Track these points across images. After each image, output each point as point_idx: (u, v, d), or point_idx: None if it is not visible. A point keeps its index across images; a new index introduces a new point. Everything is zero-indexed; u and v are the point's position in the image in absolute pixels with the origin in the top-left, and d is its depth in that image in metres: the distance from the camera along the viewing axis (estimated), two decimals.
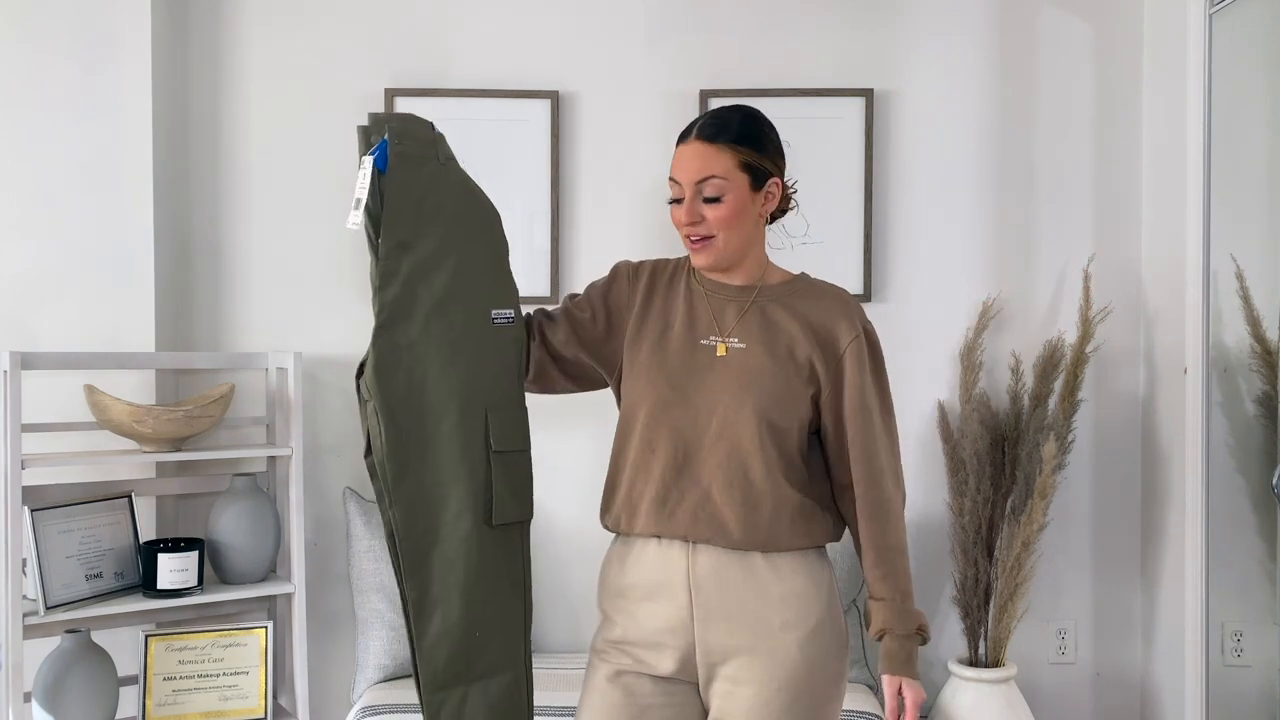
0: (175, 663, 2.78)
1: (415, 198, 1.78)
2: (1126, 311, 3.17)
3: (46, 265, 2.93)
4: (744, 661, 1.79)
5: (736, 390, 1.80)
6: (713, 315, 1.86)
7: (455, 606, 1.75)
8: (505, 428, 1.78)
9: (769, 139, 1.86)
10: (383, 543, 2.95)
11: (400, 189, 1.77)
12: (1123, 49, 3.18)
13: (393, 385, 1.74)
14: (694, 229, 1.83)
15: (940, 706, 3.01)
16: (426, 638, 1.75)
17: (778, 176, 1.87)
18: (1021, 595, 2.97)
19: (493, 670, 1.79)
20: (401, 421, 1.73)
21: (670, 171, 1.86)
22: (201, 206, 3.14)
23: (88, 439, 2.85)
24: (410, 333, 1.75)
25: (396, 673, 2.91)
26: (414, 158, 1.78)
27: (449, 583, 1.74)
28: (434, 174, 1.79)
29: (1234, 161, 2.83)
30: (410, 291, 1.76)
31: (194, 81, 3.13)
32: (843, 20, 3.17)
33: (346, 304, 3.14)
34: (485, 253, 1.83)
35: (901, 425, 3.10)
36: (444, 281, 1.77)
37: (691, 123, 1.88)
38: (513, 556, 1.81)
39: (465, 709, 1.78)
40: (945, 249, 3.17)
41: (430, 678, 1.76)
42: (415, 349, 1.74)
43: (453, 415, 1.74)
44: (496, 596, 1.78)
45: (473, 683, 1.78)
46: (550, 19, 3.16)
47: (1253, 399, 2.82)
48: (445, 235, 1.78)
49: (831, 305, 1.86)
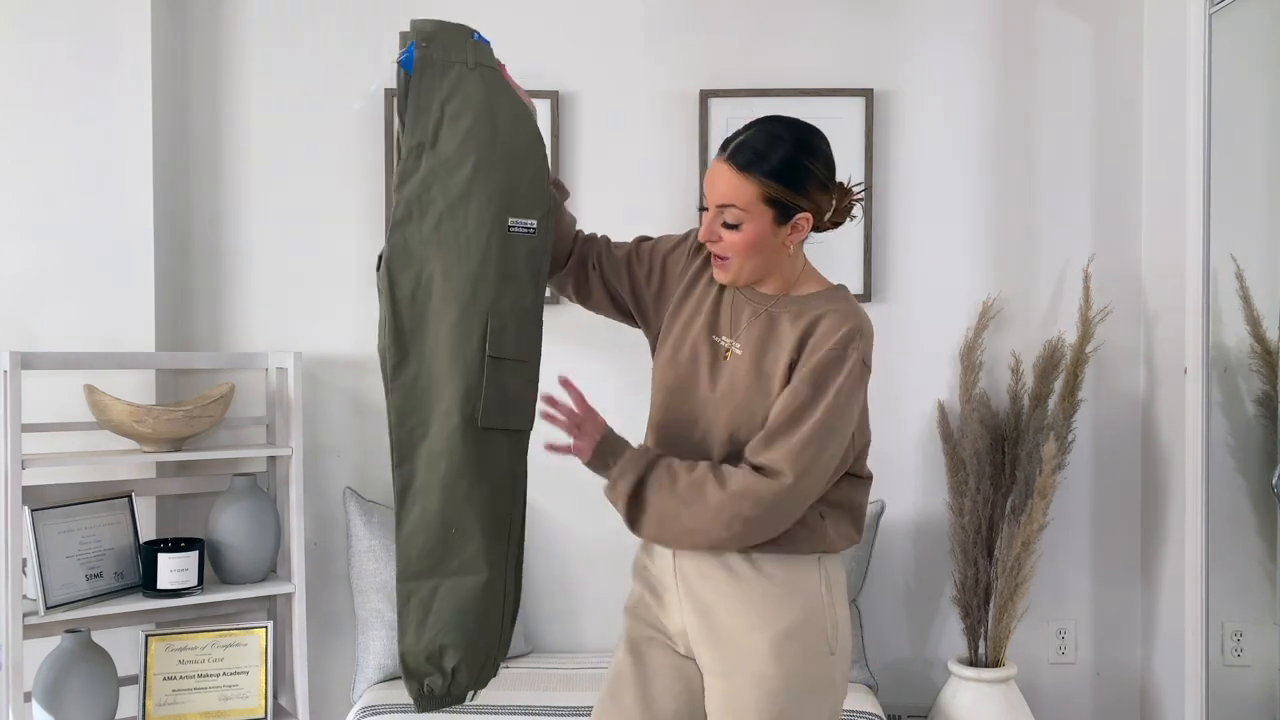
0: (175, 663, 2.79)
1: (439, 100, 1.79)
2: (1126, 311, 3.17)
3: (46, 265, 2.93)
4: (718, 655, 1.81)
5: (719, 397, 1.82)
6: (732, 314, 1.86)
7: (435, 500, 1.77)
8: (505, 335, 1.79)
9: (810, 172, 1.77)
10: (383, 543, 2.95)
11: (423, 92, 1.79)
12: (1123, 49, 3.18)
13: (402, 281, 1.77)
14: (711, 246, 1.82)
15: (940, 706, 3.01)
16: (405, 526, 1.79)
17: (811, 212, 1.78)
18: (1021, 595, 2.97)
19: (466, 569, 1.80)
20: (404, 316, 1.77)
21: (705, 176, 1.84)
22: (201, 206, 3.14)
23: (88, 439, 2.85)
24: (423, 232, 1.78)
25: (396, 673, 2.91)
26: (439, 62, 1.79)
27: (431, 477, 1.77)
28: (460, 78, 1.80)
29: (1234, 161, 2.83)
30: (426, 191, 1.78)
31: (194, 81, 3.13)
32: (843, 20, 3.17)
33: (346, 304, 3.14)
34: (513, 155, 1.83)
35: (901, 425, 3.17)
36: (461, 185, 1.78)
37: (735, 133, 1.80)
38: (501, 462, 1.81)
39: (434, 602, 1.80)
40: (945, 249, 3.17)
41: (404, 566, 1.79)
42: (426, 248, 1.77)
43: (452, 315, 1.76)
44: (478, 497, 1.79)
45: (445, 578, 1.80)
46: (550, 19, 3.16)
47: (1253, 399, 2.82)
48: (466, 139, 1.79)
49: (835, 323, 1.77)
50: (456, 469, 1.77)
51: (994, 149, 3.18)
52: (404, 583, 1.80)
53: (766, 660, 1.77)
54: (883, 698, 3.13)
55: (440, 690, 1.83)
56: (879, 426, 3.23)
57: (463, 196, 1.78)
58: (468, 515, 1.79)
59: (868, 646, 3.13)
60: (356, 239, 3.15)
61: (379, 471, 3.15)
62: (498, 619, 1.85)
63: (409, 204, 1.79)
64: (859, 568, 3.02)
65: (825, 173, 1.80)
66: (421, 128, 1.79)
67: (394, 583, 1.82)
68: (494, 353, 1.78)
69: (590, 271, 2.00)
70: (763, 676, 1.76)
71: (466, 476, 1.78)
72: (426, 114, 1.79)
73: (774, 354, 1.80)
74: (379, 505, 3.03)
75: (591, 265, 2.00)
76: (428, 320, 1.77)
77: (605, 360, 2.92)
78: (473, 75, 1.81)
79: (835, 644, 1.81)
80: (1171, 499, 3.03)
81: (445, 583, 1.80)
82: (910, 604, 3.21)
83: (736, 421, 1.79)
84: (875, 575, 3.16)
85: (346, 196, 3.15)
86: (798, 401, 1.74)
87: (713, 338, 1.86)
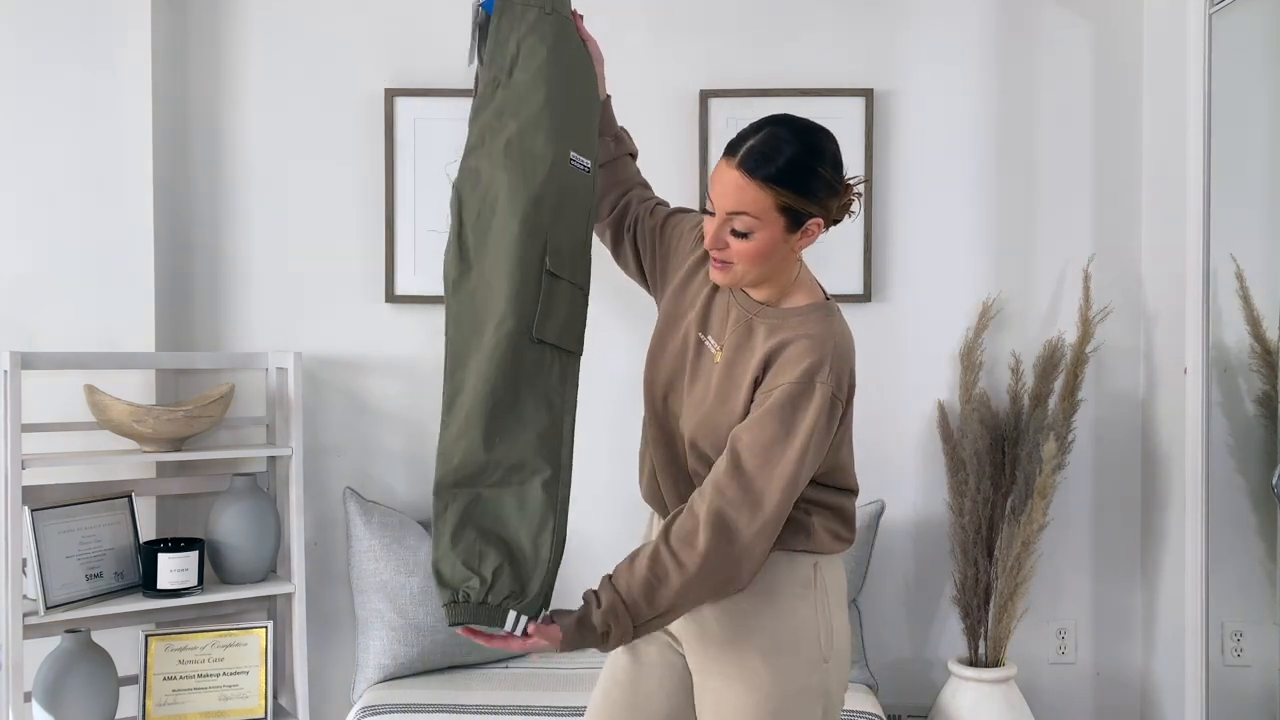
0: (175, 663, 2.79)
1: (515, 39, 1.89)
2: (1126, 311, 3.17)
3: (46, 265, 2.93)
4: (709, 660, 1.81)
5: (695, 400, 1.81)
6: (720, 315, 1.84)
7: (480, 408, 1.73)
8: (561, 256, 1.81)
9: (819, 176, 1.70)
10: (383, 543, 2.96)
11: (501, 31, 1.89)
12: (1123, 49, 3.18)
13: (469, 201, 1.83)
14: (716, 253, 1.76)
15: (940, 706, 3.01)
16: (447, 433, 1.75)
17: (822, 217, 1.73)
18: (1021, 595, 2.97)
19: (508, 481, 1.74)
20: (469, 233, 1.82)
21: (710, 178, 1.78)
22: (201, 206, 3.14)
23: (88, 439, 2.85)
24: (493, 154, 1.84)
25: (396, 673, 2.91)
26: (518, 4, 1.90)
27: (480, 385, 1.74)
28: (536, 20, 1.90)
29: (1234, 161, 2.83)
30: (498, 118, 1.86)
31: (194, 81, 3.13)
32: (843, 20, 3.17)
33: (346, 304, 3.14)
34: (575, 98, 1.91)
35: (901, 425, 3.17)
36: (532, 112, 1.85)
37: (742, 134, 1.73)
38: (552, 382, 1.80)
39: (474, 511, 1.73)
40: (945, 249, 3.17)
41: (444, 475, 1.74)
42: (495, 170, 1.83)
43: (514, 228, 1.78)
44: (526, 411, 1.76)
45: (486, 488, 1.74)
46: None
47: (1253, 399, 2.82)
48: (537, 72, 1.87)
49: (807, 347, 1.71)
50: (507, 378, 1.74)
51: (994, 149, 3.18)
52: (442, 492, 1.73)
53: (758, 668, 1.75)
54: (883, 698, 3.13)
55: (477, 595, 1.67)
56: (879, 426, 3.22)
57: (533, 122, 1.84)
58: (513, 427, 1.75)
59: (868, 646, 3.13)
60: (356, 239, 3.15)
61: (379, 471, 3.15)
62: (546, 545, 1.73)
63: (482, 131, 1.86)
64: (859, 568, 3.02)
65: (834, 175, 1.73)
66: (498, 64, 1.88)
67: (430, 498, 1.75)
68: (553, 268, 1.80)
69: (625, 232, 2.02)
70: (753, 685, 1.75)
71: (515, 388, 1.75)
72: (503, 51, 1.88)
73: (744, 364, 1.76)
74: (379, 505, 3.03)
75: (627, 226, 2.02)
76: (490, 236, 1.80)
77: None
78: (549, 19, 1.91)
79: (830, 652, 1.79)
80: (1171, 499, 3.03)
81: (486, 493, 1.74)
82: (910, 604, 3.21)
83: (702, 427, 1.78)
84: (875, 575, 3.16)
85: (346, 196, 3.15)
86: (766, 436, 1.68)
87: (699, 335, 1.85)
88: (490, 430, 1.73)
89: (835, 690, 1.81)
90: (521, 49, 1.88)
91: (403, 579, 2.92)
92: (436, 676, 2.91)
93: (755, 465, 1.67)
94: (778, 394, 1.69)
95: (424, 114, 3.12)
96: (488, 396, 1.73)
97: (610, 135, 2.05)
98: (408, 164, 3.13)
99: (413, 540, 2.97)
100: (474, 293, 1.79)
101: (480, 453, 1.73)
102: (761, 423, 1.69)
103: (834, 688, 1.81)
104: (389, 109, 3.11)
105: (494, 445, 1.73)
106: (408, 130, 3.13)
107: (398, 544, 2.95)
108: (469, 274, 1.80)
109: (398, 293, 3.13)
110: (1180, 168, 2.93)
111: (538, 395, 1.77)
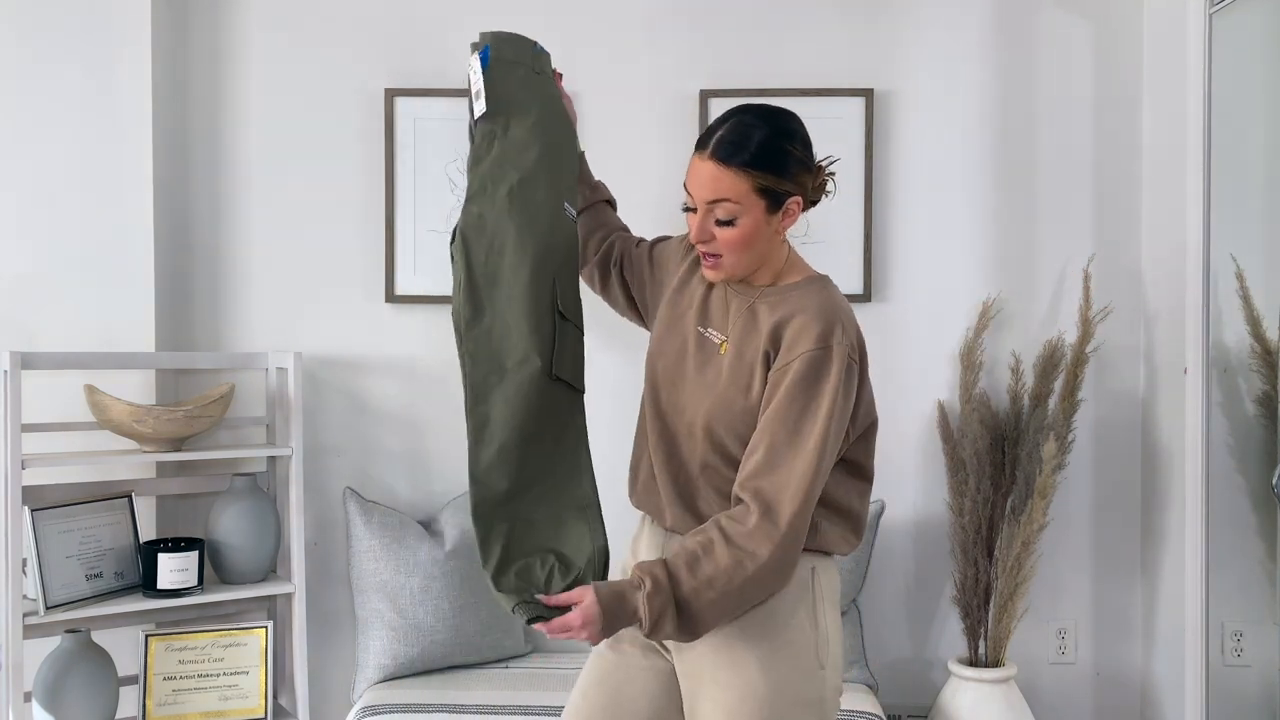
0: (175, 663, 2.79)
1: (509, 94, 2.00)
2: (1126, 311, 3.17)
3: (46, 265, 2.94)
4: (702, 667, 1.79)
5: (704, 388, 1.81)
6: (720, 308, 1.85)
7: (513, 438, 1.84)
8: (568, 297, 1.93)
9: (791, 155, 1.75)
10: (383, 543, 2.96)
11: (496, 85, 2.00)
12: (1123, 49, 3.17)
13: (476, 247, 1.91)
14: (704, 246, 1.80)
15: (940, 706, 3.01)
16: (480, 460, 1.83)
17: (800, 195, 1.77)
18: (1021, 595, 2.97)
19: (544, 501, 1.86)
20: (478, 275, 1.90)
21: (685, 176, 1.80)
22: (201, 206, 3.14)
23: (88, 439, 2.85)
24: (496, 202, 1.93)
25: (396, 673, 2.91)
26: (509, 61, 2.01)
27: (510, 419, 1.85)
28: (526, 77, 2.02)
29: (1234, 161, 2.83)
30: (499, 168, 1.95)
31: (194, 81, 3.14)
32: (843, 20, 3.17)
33: (346, 304, 3.15)
34: (563, 152, 2.03)
35: (901, 425, 3.17)
36: (530, 163, 1.96)
37: (709, 129, 1.77)
38: (562, 415, 1.89)
39: (516, 533, 1.81)
40: (945, 249, 3.17)
41: (480, 500, 1.81)
42: (500, 217, 1.92)
43: (525, 274, 1.88)
44: (547, 443, 1.87)
45: (524, 506, 1.84)
46: (550, 19, 3.15)
47: (1253, 399, 2.82)
48: (532, 128, 1.99)
49: (814, 315, 1.74)
50: (534, 412, 1.85)
51: (994, 149, 3.18)
52: (482, 516, 1.80)
53: (755, 678, 1.74)
54: (883, 698, 3.13)
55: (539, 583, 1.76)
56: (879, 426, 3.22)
57: (533, 172, 1.95)
58: (541, 455, 1.86)
59: (868, 646, 3.13)
60: (356, 239, 3.15)
61: (379, 471, 3.15)
62: (586, 545, 1.83)
63: (483, 181, 1.95)
64: (859, 568, 3.02)
65: (804, 153, 1.78)
66: (495, 118, 1.98)
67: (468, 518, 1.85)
68: (563, 310, 1.90)
69: (612, 267, 2.10)
70: (747, 694, 1.74)
71: (540, 421, 1.86)
72: (500, 106, 1.98)
73: (753, 345, 1.78)
74: (379, 505, 3.03)
75: (614, 261, 2.10)
76: (501, 278, 1.89)
77: (605, 354, 2.92)
78: (536, 78, 2.04)
79: (825, 658, 1.78)
80: (1171, 499, 3.03)
81: (525, 514, 1.83)
82: (910, 604, 3.21)
83: (715, 413, 1.78)
84: (875, 575, 3.16)
85: (346, 197, 3.16)
86: (795, 410, 1.69)
87: (699, 329, 1.85)
88: (523, 459, 1.84)
89: (831, 698, 1.80)
90: (514, 104, 1.99)
91: (403, 579, 2.92)
92: (436, 676, 2.91)
93: (785, 439, 1.69)
94: (797, 365, 1.71)
95: (424, 114, 3.12)
96: (518, 429, 1.84)
97: (588, 185, 2.18)
98: (408, 164, 3.13)
99: (413, 540, 2.97)
100: (490, 332, 1.88)
101: (515, 479, 1.84)
102: (789, 395, 1.70)
103: (830, 694, 1.80)
104: (389, 109, 3.11)
105: (526, 472, 1.85)
106: (408, 130, 3.13)
107: (398, 544, 2.95)
108: (482, 315, 1.88)
109: (398, 293, 3.13)
110: (1180, 167, 2.93)
111: (560, 426, 1.89)
